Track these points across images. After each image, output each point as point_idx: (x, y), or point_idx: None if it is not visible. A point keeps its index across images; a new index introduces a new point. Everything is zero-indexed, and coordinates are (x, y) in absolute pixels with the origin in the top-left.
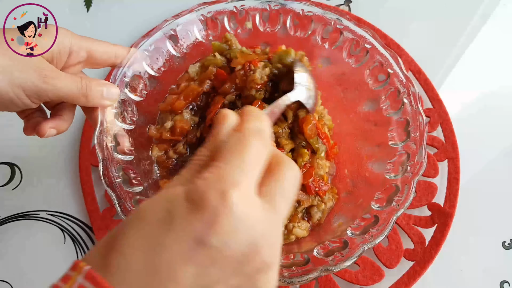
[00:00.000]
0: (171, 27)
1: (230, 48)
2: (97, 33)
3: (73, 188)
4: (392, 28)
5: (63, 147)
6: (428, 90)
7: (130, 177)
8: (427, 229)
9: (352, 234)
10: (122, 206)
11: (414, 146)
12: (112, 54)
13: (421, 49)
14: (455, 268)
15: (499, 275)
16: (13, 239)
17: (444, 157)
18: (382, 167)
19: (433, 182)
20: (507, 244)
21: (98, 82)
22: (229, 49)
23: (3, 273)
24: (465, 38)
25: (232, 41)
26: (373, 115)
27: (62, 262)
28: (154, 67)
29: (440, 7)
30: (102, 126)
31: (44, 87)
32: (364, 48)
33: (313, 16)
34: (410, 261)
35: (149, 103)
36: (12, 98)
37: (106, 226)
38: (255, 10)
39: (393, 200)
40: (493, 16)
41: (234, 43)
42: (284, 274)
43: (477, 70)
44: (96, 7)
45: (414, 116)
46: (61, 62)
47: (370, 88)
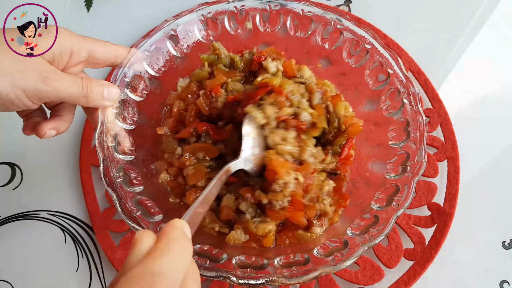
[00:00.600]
0: (172, 27)
1: (219, 57)
2: (97, 33)
3: (74, 188)
4: (392, 28)
5: (64, 147)
6: (428, 90)
7: (131, 177)
8: (427, 229)
9: (352, 234)
10: (123, 206)
11: (414, 146)
12: (112, 54)
13: (421, 49)
14: (455, 267)
15: (499, 275)
16: (13, 239)
17: (444, 157)
18: (382, 167)
19: (433, 182)
20: (507, 244)
21: (98, 83)
22: (218, 58)
23: (3, 273)
24: (465, 38)
25: (220, 50)
26: (373, 115)
27: (63, 262)
28: (155, 67)
29: (440, 8)
30: (103, 126)
31: (44, 88)
32: (364, 48)
33: (313, 17)
34: (410, 260)
35: (149, 103)
36: (13, 99)
37: (107, 226)
38: (255, 10)
39: (393, 200)
40: (493, 17)
41: (222, 51)
42: (284, 273)
43: (477, 70)
44: (97, 7)
45: (414, 116)
46: (63, 62)
47: (370, 88)
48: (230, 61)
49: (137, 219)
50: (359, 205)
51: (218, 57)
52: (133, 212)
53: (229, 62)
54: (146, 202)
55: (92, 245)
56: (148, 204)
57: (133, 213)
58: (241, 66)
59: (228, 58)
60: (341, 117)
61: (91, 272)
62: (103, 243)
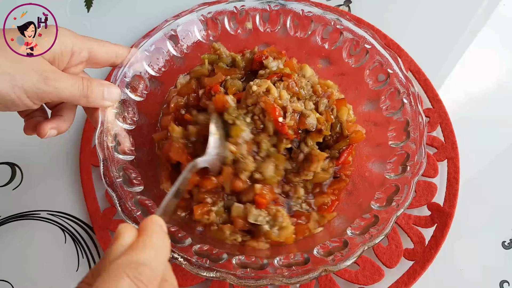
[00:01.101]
0: (172, 27)
1: (220, 57)
2: (97, 33)
3: (74, 188)
4: (392, 28)
5: (64, 147)
6: (428, 90)
7: (131, 177)
8: (427, 229)
9: (352, 234)
10: (123, 206)
11: (414, 146)
12: (113, 54)
13: (420, 49)
14: (455, 267)
15: (499, 275)
16: (13, 239)
17: (443, 157)
18: (382, 167)
19: (433, 182)
20: (507, 244)
21: (99, 83)
22: (219, 58)
23: (3, 273)
24: (465, 38)
25: (221, 50)
26: (373, 115)
27: (63, 262)
28: (155, 67)
29: (440, 8)
30: (103, 126)
31: (45, 89)
32: (364, 48)
33: (313, 17)
34: (410, 260)
35: (149, 103)
36: (14, 99)
37: (107, 226)
38: (255, 10)
39: (393, 200)
40: (493, 17)
41: (223, 51)
42: (284, 273)
43: (477, 70)
44: (97, 8)
45: (414, 116)
46: (63, 62)
47: (370, 88)
48: (232, 60)
49: (137, 219)
50: (359, 205)
51: (219, 57)
52: (133, 212)
53: (231, 61)
54: (146, 202)
55: (92, 245)
56: (148, 204)
57: (133, 213)
58: (243, 65)
59: (229, 57)
60: (343, 121)
61: None
62: (103, 243)
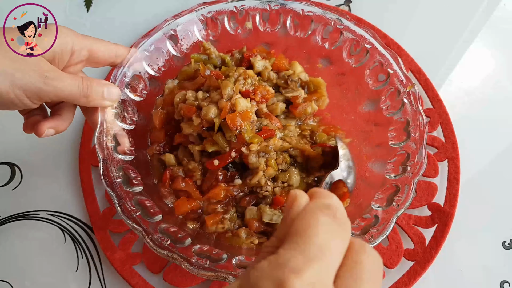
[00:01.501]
0: (171, 27)
1: (210, 57)
2: (97, 33)
3: (73, 188)
4: (392, 28)
5: (63, 147)
6: (428, 90)
7: (130, 177)
8: (427, 229)
9: (352, 234)
10: (122, 206)
11: (414, 146)
12: (112, 53)
13: (421, 49)
14: (455, 268)
15: (499, 275)
16: (13, 239)
17: (444, 157)
18: (382, 167)
19: (433, 182)
20: (507, 244)
21: (98, 82)
22: (208, 58)
23: (3, 273)
24: (465, 38)
25: (211, 50)
26: (373, 115)
27: (62, 262)
28: (154, 67)
29: (440, 7)
30: (102, 126)
31: (44, 88)
32: (364, 48)
33: (313, 16)
34: (410, 261)
35: (149, 103)
36: (13, 99)
37: (106, 226)
38: (255, 10)
39: (393, 200)
40: (493, 17)
41: (213, 51)
42: None
43: (477, 70)
44: (96, 7)
45: (414, 116)
46: (63, 61)
47: (370, 88)
48: (221, 60)
49: (136, 219)
50: (359, 205)
51: (208, 57)
52: (133, 212)
53: (220, 62)
54: (145, 202)
55: (92, 245)
56: (147, 204)
57: (133, 213)
58: (232, 65)
59: (218, 58)
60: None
61: (90, 272)
62: (102, 243)
